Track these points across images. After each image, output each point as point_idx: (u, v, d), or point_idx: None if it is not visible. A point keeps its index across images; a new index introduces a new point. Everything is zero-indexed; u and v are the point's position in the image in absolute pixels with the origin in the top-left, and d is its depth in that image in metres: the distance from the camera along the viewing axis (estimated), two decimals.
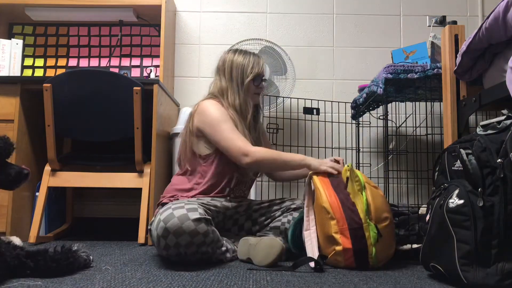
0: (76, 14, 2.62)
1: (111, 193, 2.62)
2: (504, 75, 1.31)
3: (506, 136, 1.17)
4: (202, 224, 1.47)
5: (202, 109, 1.75)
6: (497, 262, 1.12)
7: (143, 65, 2.74)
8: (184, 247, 1.44)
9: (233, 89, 1.82)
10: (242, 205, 1.82)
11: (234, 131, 1.71)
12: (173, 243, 1.44)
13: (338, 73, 2.72)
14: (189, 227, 1.44)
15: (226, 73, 1.85)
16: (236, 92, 1.82)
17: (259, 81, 1.86)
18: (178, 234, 1.43)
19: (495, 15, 1.29)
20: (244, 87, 1.81)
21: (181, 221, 1.44)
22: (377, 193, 1.53)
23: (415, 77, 1.76)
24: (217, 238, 1.54)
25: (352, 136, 2.60)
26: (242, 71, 1.83)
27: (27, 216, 2.22)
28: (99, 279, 1.25)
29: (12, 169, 1.48)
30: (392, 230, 1.52)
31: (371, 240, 1.44)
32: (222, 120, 1.72)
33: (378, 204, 1.49)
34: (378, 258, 1.46)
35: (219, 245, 1.56)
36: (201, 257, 1.50)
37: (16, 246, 1.30)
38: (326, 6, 2.76)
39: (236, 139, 1.69)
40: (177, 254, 1.46)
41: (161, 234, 1.44)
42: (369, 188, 1.52)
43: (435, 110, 2.56)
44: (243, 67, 1.83)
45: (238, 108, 1.80)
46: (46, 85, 2.00)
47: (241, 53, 1.87)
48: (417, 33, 2.71)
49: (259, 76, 1.85)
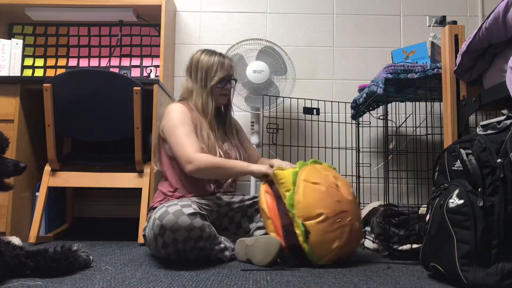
0: (76, 14, 2.62)
1: (111, 193, 2.62)
2: (504, 75, 1.31)
3: (506, 136, 1.17)
4: (198, 218, 1.47)
5: (166, 112, 1.79)
6: (497, 262, 1.12)
7: (143, 65, 2.74)
8: (182, 242, 1.44)
9: (197, 90, 1.83)
10: (234, 202, 1.82)
11: (187, 136, 1.71)
12: (171, 240, 1.44)
13: (338, 73, 2.72)
14: (184, 221, 1.44)
15: (192, 74, 1.86)
16: (199, 94, 1.82)
17: (224, 83, 1.85)
18: (174, 229, 1.43)
19: (495, 15, 1.29)
20: (207, 89, 1.82)
21: (176, 216, 1.44)
22: (312, 190, 1.51)
23: (415, 77, 1.76)
24: (214, 234, 1.54)
25: (352, 136, 2.60)
26: (206, 73, 1.83)
27: (27, 216, 2.22)
28: (99, 279, 1.25)
29: (8, 162, 1.48)
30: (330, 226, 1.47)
31: (302, 237, 1.46)
32: (178, 124, 1.72)
33: (310, 201, 1.49)
34: (316, 254, 1.47)
35: (217, 241, 1.56)
36: (200, 253, 1.50)
37: (16, 246, 1.30)
38: (326, 6, 2.76)
39: (186, 145, 1.68)
40: (175, 251, 1.46)
41: (158, 232, 1.45)
42: (304, 186, 1.52)
43: (435, 110, 2.56)
44: (207, 69, 1.83)
45: (201, 109, 1.81)
46: (46, 85, 2.00)
47: (208, 53, 1.86)
48: (417, 33, 2.71)
49: (224, 79, 1.84)
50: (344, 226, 1.50)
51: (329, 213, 1.48)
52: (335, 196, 1.52)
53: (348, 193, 1.59)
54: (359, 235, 1.60)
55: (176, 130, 1.72)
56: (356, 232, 1.55)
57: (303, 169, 1.59)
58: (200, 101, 1.82)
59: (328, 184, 1.55)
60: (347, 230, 1.50)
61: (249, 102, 2.39)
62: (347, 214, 1.51)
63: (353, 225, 1.53)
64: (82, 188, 2.55)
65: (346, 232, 1.50)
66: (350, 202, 1.56)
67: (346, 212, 1.51)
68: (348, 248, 1.54)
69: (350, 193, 1.59)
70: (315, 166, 1.64)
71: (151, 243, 1.51)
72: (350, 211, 1.53)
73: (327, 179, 1.57)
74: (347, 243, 1.50)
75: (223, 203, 1.78)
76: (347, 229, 1.50)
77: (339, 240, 1.48)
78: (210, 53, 1.86)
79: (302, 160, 1.96)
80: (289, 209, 1.50)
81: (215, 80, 1.82)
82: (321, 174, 1.59)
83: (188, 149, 1.68)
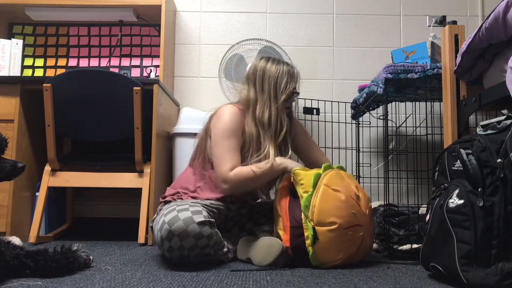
0: (76, 14, 2.62)
1: (111, 193, 2.62)
2: (504, 75, 1.31)
3: (506, 136, 1.17)
4: (207, 227, 1.46)
5: (219, 114, 1.70)
6: (497, 262, 1.12)
7: (143, 65, 2.74)
8: (188, 249, 1.44)
9: (263, 101, 1.71)
10: (244, 207, 1.81)
11: (231, 151, 1.64)
12: (177, 246, 1.43)
13: (338, 73, 2.72)
14: (194, 230, 1.43)
15: (256, 84, 1.73)
16: (267, 106, 1.70)
17: (293, 99, 1.77)
18: (183, 237, 1.43)
19: (495, 15, 1.29)
20: (277, 102, 1.70)
21: (186, 224, 1.43)
22: (331, 197, 1.48)
23: (415, 77, 1.76)
24: (219, 240, 1.53)
25: (352, 136, 2.60)
26: (276, 85, 1.71)
27: (27, 216, 2.22)
28: (99, 279, 1.25)
29: (6, 163, 1.48)
30: (340, 237, 1.45)
31: (309, 240, 1.45)
32: (227, 135, 1.65)
33: (326, 207, 1.46)
34: (319, 259, 1.46)
35: (221, 246, 1.55)
36: (204, 259, 1.49)
37: (16, 246, 1.30)
38: (326, 6, 2.76)
39: (225, 161, 1.63)
40: (180, 256, 1.46)
41: (166, 237, 1.44)
42: (324, 191, 1.49)
43: (435, 110, 2.56)
44: (276, 80, 1.71)
45: (267, 123, 1.69)
46: (46, 85, 2.00)
47: (274, 62, 1.75)
48: (417, 33, 2.70)
49: (292, 92, 1.74)
50: (354, 240, 1.48)
51: (342, 224, 1.45)
52: (352, 208, 1.49)
53: (366, 207, 1.56)
54: (367, 251, 1.58)
55: (223, 140, 1.65)
56: (365, 248, 1.54)
57: (326, 173, 1.56)
58: (267, 114, 1.69)
59: (349, 194, 1.51)
60: (356, 244, 1.49)
61: None
62: (360, 229, 1.49)
63: (363, 240, 1.51)
64: (82, 188, 2.55)
65: (355, 246, 1.49)
66: (366, 217, 1.53)
67: (360, 226, 1.49)
68: (353, 260, 1.53)
69: (367, 208, 1.57)
70: (339, 172, 1.61)
71: (157, 242, 1.50)
72: (364, 226, 1.51)
73: (349, 188, 1.54)
74: (353, 256, 1.50)
75: (233, 208, 1.76)
76: (356, 243, 1.49)
77: (345, 252, 1.47)
78: (277, 62, 1.75)
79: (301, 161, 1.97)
80: (303, 210, 1.48)
81: (285, 94, 1.71)
82: (344, 181, 1.56)
83: (227, 166, 1.62)
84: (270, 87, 1.72)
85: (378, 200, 2.48)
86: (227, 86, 2.39)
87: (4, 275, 1.20)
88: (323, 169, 1.59)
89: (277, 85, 1.72)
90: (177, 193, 1.73)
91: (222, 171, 1.63)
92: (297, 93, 1.79)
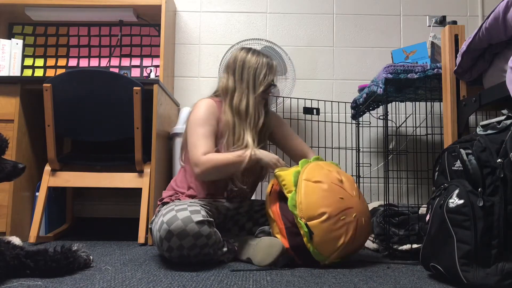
0: (76, 14, 2.62)
1: (111, 193, 2.62)
2: (504, 75, 1.31)
3: (506, 136, 1.17)
4: (205, 226, 1.46)
5: (194, 107, 1.75)
6: (497, 262, 1.12)
7: (143, 65, 2.74)
8: (187, 249, 1.44)
9: (242, 90, 1.73)
10: (243, 206, 1.81)
11: (204, 137, 1.65)
12: (176, 246, 1.43)
13: (338, 73, 2.72)
14: (192, 229, 1.43)
15: (236, 73, 1.75)
16: (245, 95, 1.72)
17: (270, 90, 1.80)
18: (181, 236, 1.43)
19: (495, 15, 1.29)
20: (255, 92, 1.73)
21: (184, 223, 1.43)
22: (314, 189, 1.49)
23: (415, 77, 1.76)
24: (219, 239, 1.53)
25: (352, 136, 2.60)
26: (254, 76, 1.73)
27: (27, 216, 2.22)
28: (99, 279, 1.25)
29: (7, 163, 1.48)
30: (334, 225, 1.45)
31: (306, 238, 1.45)
32: (200, 124, 1.67)
33: (312, 201, 1.47)
34: (322, 253, 1.46)
35: (221, 245, 1.55)
36: (203, 259, 1.49)
37: (16, 246, 1.30)
38: (326, 6, 2.76)
39: (198, 146, 1.63)
40: (179, 256, 1.46)
41: (164, 237, 1.44)
42: (305, 186, 1.50)
43: (435, 110, 2.56)
44: (256, 71, 1.74)
45: (244, 112, 1.71)
46: (46, 85, 2.00)
47: (255, 53, 1.77)
48: (417, 33, 2.70)
49: (270, 84, 1.77)
50: (349, 223, 1.48)
51: (332, 212, 1.46)
52: (338, 194, 1.50)
53: (352, 189, 1.56)
54: (367, 230, 1.58)
55: (196, 128, 1.67)
56: (363, 227, 1.53)
57: (304, 168, 1.57)
58: (244, 102, 1.71)
59: (331, 181, 1.52)
60: (352, 227, 1.49)
61: None
62: (351, 211, 1.50)
63: (358, 220, 1.51)
64: (82, 188, 2.55)
65: (352, 228, 1.48)
66: (355, 198, 1.54)
67: (350, 208, 1.50)
68: (356, 244, 1.52)
69: (354, 189, 1.57)
70: (318, 163, 1.62)
71: (156, 242, 1.50)
72: (355, 207, 1.51)
73: (330, 175, 1.55)
74: (353, 239, 1.49)
75: (232, 207, 1.76)
76: (352, 226, 1.49)
77: (344, 238, 1.46)
78: (257, 54, 1.77)
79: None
80: (291, 210, 1.49)
81: (264, 86, 1.73)
82: (323, 170, 1.57)
83: (198, 151, 1.63)
84: (249, 77, 1.74)
85: (378, 200, 2.48)
86: None
87: (4, 275, 1.20)
88: (301, 165, 1.60)
89: (256, 76, 1.74)
90: (175, 194, 1.74)
91: (194, 155, 1.63)
92: (274, 85, 1.81)
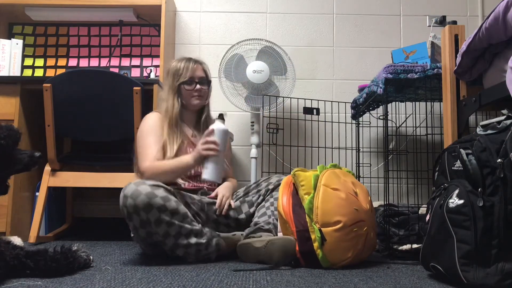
0: (76, 14, 2.62)
1: (111, 193, 2.61)
2: (504, 75, 1.31)
3: (506, 136, 1.17)
4: (161, 190, 1.50)
5: (142, 121, 1.84)
6: (497, 262, 1.12)
7: (143, 65, 2.74)
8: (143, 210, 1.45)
9: (166, 96, 1.84)
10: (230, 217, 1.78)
11: (150, 146, 1.74)
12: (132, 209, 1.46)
13: (338, 73, 2.72)
14: (145, 188, 1.47)
15: (164, 83, 1.90)
16: (166, 99, 1.83)
17: (193, 85, 1.84)
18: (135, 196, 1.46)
19: (495, 15, 1.29)
20: (173, 91, 1.83)
21: (136, 185, 1.49)
22: (332, 196, 1.49)
23: (415, 77, 1.76)
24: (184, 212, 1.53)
25: (352, 136, 2.60)
26: (173, 78, 1.84)
27: (27, 216, 2.22)
28: (99, 279, 1.25)
29: (24, 153, 1.49)
30: (346, 235, 1.45)
31: (317, 243, 1.44)
32: (145, 134, 1.78)
33: (329, 207, 1.46)
34: (330, 260, 1.46)
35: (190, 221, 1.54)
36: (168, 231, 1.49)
37: (16, 246, 1.30)
38: (326, 6, 2.76)
39: (145, 155, 1.72)
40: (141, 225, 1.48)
41: (122, 203, 1.49)
42: (324, 191, 1.49)
43: (435, 110, 2.56)
44: (174, 73, 1.84)
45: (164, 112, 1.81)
46: (46, 85, 2.00)
47: (178, 61, 1.88)
48: (417, 33, 2.70)
49: (191, 79, 1.83)
50: (359, 236, 1.48)
51: (347, 221, 1.45)
52: (353, 204, 1.50)
53: (366, 201, 1.56)
54: (373, 244, 1.59)
55: (141, 141, 1.78)
56: (370, 242, 1.54)
57: (323, 173, 1.56)
58: (166, 105, 1.82)
59: (348, 191, 1.52)
60: (362, 240, 1.49)
61: (249, 102, 2.39)
62: (363, 224, 1.49)
63: (368, 234, 1.51)
64: (82, 188, 2.54)
65: (361, 241, 1.49)
66: (367, 212, 1.54)
67: (363, 221, 1.50)
68: (362, 256, 1.53)
69: (367, 202, 1.57)
70: (334, 170, 1.61)
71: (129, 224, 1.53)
72: (366, 220, 1.51)
73: (346, 185, 1.55)
74: (361, 252, 1.50)
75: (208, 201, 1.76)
76: (362, 239, 1.49)
77: (353, 250, 1.47)
78: (180, 60, 1.88)
79: (302, 160, 1.97)
80: (307, 213, 1.47)
81: (180, 81, 1.82)
82: (340, 179, 1.56)
83: (143, 160, 1.72)
84: (170, 82, 1.85)
85: (378, 200, 2.48)
86: (227, 86, 2.39)
87: (4, 275, 1.20)
88: (319, 169, 1.60)
89: (174, 77, 1.84)
90: None
91: (140, 164, 1.72)
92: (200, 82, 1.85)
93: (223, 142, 1.64)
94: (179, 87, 1.84)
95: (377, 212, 1.92)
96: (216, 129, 1.64)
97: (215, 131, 1.63)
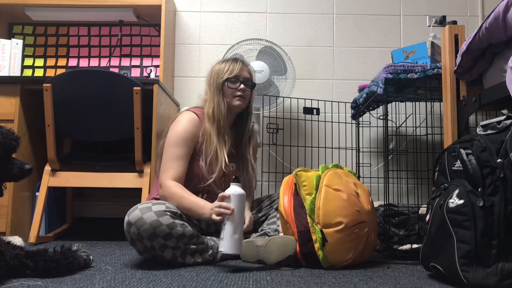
0: (76, 14, 2.62)
1: (111, 193, 2.62)
2: (504, 75, 1.31)
3: (506, 136, 1.17)
4: (167, 216, 1.46)
5: (176, 121, 1.75)
6: (497, 262, 1.12)
7: (143, 65, 2.74)
8: (147, 239, 1.43)
9: (210, 96, 1.77)
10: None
11: (176, 159, 1.66)
12: (136, 236, 1.43)
13: (338, 73, 2.72)
14: (150, 217, 1.44)
15: (207, 83, 1.81)
16: (212, 99, 1.76)
17: (237, 83, 1.76)
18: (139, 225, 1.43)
19: (495, 15, 1.29)
20: (218, 90, 1.75)
21: (142, 212, 1.45)
22: (334, 197, 1.48)
23: (415, 77, 1.76)
24: (190, 234, 1.50)
25: (352, 136, 2.60)
26: (217, 76, 1.77)
27: (27, 216, 2.22)
28: (99, 279, 1.25)
29: (14, 164, 1.45)
30: (347, 236, 1.45)
31: (318, 244, 1.44)
32: (176, 143, 1.68)
33: (330, 209, 1.46)
34: (330, 261, 1.46)
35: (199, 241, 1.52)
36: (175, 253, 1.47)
37: (16, 246, 1.30)
38: (326, 6, 2.76)
39: (167, 168, 1.65)
40: (145, 249, 1.45)
41: (125, 229, 1.46)
42: (326, 192, 1.49)
43: (435, 110, 2.56)
44: (219, 72, 1.78)
45: (211, 115, 1.73)
46: (46, 85, 2.00)
47: (224, 61, 1.82)
48: (417, 33, 2.70)
49: (236, 77, 1.76)
50: (361, 237, 1.48)
51: (348, 223, 1.45)
52: (355, 206, 1.50)
53: (368, 202, 1.56)
54: (374, 245, 1.59)
55: (171, 148, 1.68)
56: (371, 243, 1.54)
57: (325, 173, 1.56)
58: (211, 106, 1.74)
59: (350, 192, 1.52)
60: (363, 241, 1.49)
61: None
62: (364, 225, 1.50)
63: (369, 236, 1.51)
64: (82, 188, 2.55)
65: (362, 243, 1.49)
66: (369, 213, 1.53)
67: (364, 222, 1.50)
68: (362, 258, 1.53)
69: (369, 203, 1.57)
70: (336, 171, 1.61)
71: None
72: (368, 222, 1.51)
73: (348, 186, 1.55)
74: (361, 253, 1.50)
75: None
76: (363, 240, 1.49)
77: (354, 251, 1.47)
78: (225, 60, 1.82)
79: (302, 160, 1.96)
80: (309, 214, 1.47)
81: (224, 77, 1.75)
82: (342, 180, 1.56)
83: (166, 172, 1.65)
84: (214, 80, 1.78)
85: (378, 200, 2.48)
86: None
87: (4, 275, 1.20)
88: (321, 169, 1.59)
89: (218, 77, 1.77)
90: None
91: (162, 175, 1.66)
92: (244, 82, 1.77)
93: (240, 208, 1.44)
94: (223, 85, 1.76)
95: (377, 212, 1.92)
96: (232, 195, 1.44)
97: (231, 197, 1.44)
